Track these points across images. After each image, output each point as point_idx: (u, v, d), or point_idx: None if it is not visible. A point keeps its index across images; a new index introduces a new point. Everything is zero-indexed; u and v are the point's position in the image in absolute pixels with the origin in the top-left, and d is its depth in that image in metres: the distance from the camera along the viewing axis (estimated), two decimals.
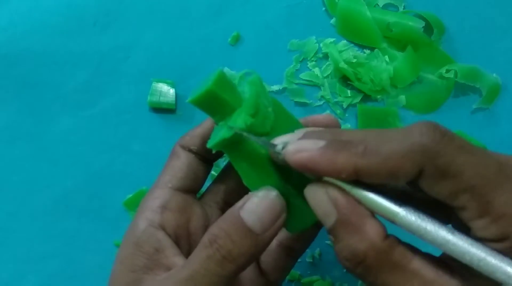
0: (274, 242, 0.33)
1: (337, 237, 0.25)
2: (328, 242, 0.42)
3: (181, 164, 0.32)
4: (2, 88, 0.44)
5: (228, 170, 0.34)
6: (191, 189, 0.33)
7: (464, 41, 0.45)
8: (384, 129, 0.26)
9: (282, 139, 0.27)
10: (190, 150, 0.33)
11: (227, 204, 0.34)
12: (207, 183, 0.35)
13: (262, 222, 0.27)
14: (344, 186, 0.25)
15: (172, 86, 0.44)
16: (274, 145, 0.27)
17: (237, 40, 0.45)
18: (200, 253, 0.27)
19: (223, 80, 0.28)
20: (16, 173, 0.43)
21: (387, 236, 0.25)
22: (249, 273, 0.33)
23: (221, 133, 0.28)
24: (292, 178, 0.28)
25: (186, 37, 0.45)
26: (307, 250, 0.41)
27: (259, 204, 0.27)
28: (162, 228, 0.30)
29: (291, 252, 0.34)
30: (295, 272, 0.41)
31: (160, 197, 0.31)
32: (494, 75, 0.44)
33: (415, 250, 0.25)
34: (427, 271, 0.24)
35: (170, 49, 0.45)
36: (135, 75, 0.44)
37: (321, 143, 0.25)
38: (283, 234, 0.33)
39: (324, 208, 0.25)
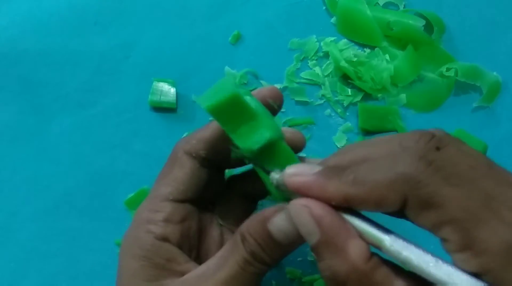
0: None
1: (320, 256, 0.25)
2: None
3: (184, 175, 0.32)
4: (3, 88, 0.44)
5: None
6: (192, 198, 0.33)
7: (464, 40, 0.45)
8: (374, 153, 0.26)
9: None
10: (196, 156, 0.32)
11: (212, 204, 0.35)
12: None
13: (290, 238, 0.28)
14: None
15: (173, 85, 0.44)
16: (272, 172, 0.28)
17: (237, 39, 0.45)
18: (235, 256, 0.29)
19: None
20: (17, 173, 0.43)
21: (370, 257, 0.25)
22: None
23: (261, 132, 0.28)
24: None
25: (186, 36, 0.45)
26: (308, 250, 0.41)
27: (288, 222, 0.28)
28: (167, 240, 0.31)
29: (252, 199, 0.36)
30: (296, 270, 0.41)
31: (162, 210, 0.31)
32: (495, 73, 0.44)
33: (399, 271, 0.25)
34: None
35: (171, 48, 0.45)
36: (136, 75, 0.44)
37: (317, 168, 0.26)
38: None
39: (307, 227, 0.25)
